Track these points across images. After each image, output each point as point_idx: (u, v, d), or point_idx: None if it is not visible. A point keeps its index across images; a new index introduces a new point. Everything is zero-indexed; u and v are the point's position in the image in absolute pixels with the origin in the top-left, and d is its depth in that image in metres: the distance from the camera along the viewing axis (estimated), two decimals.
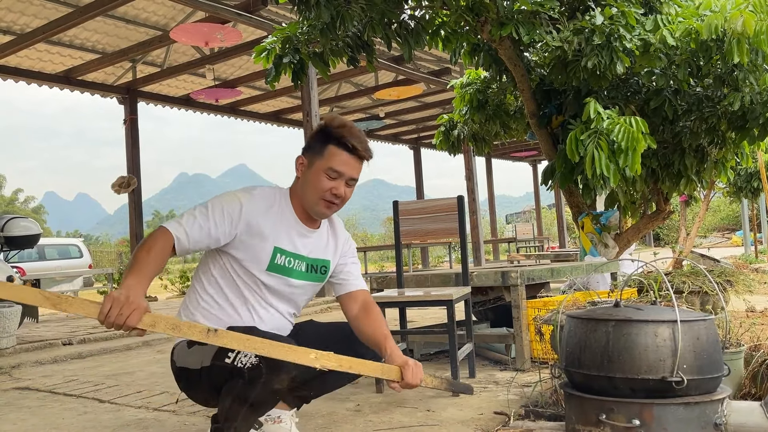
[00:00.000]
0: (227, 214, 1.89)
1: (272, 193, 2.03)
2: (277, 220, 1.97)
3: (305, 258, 2.04)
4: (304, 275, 2.05)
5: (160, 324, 1.57)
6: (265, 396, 1.75)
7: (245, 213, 1.91)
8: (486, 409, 2.60)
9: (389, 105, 12.12)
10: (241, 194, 1.96)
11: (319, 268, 2.08)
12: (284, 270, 1.99)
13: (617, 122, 3.57)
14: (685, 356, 1.32)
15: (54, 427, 2.75)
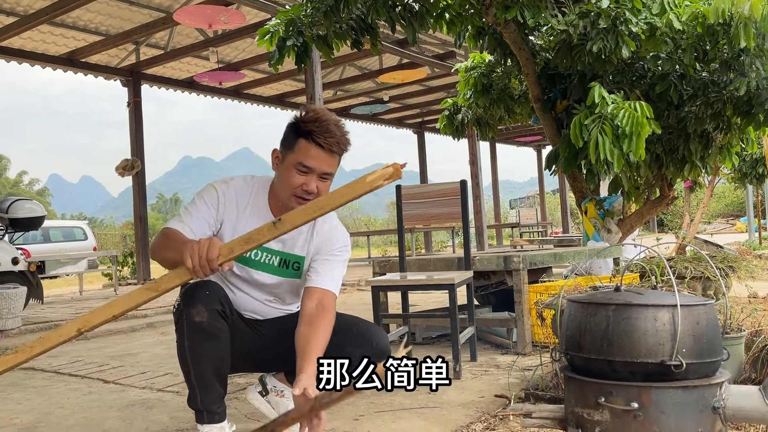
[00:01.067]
0: (210, 204, 1.92)
1: (247, 185, 1.98)
2: (248, 212, 1.95)
3: (277, 252, 1.98)
4: (275, 269, 1.99)
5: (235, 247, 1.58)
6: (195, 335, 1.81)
7: (221, 199, 1.93)
8: (487, 392, 2.62)
9: (393, 89, 12.07)
10: (217, 184, 1.96)
11: (291, 264, 2.01)
12: (250, 262, 1.96)
13: (622, 107, 3.55)
14: (684, 340, 1.32)
15: (59, 406, 2.78)
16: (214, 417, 1.87)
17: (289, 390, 2.19)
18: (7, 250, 5.68)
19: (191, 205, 1.93)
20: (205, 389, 1.86)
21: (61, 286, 11.83)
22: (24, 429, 2.44)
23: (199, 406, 1.87)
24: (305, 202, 1.83)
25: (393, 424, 2.25)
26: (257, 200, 1.97)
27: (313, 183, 1.84)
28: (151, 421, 2.46)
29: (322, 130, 1.82)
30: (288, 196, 1.88)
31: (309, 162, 1.82)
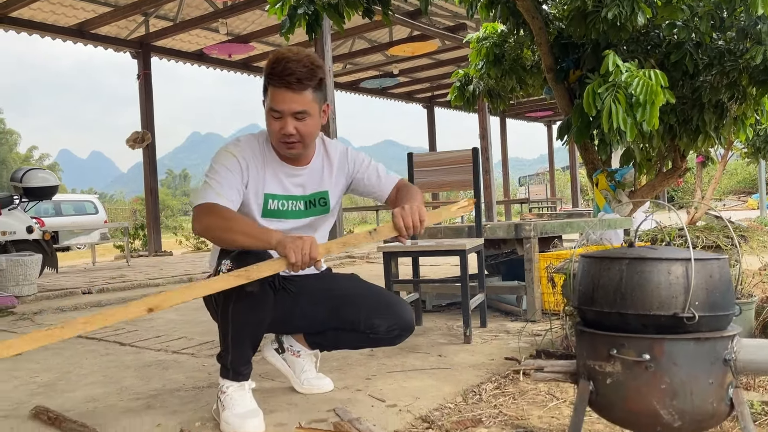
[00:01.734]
0: (235, 171, 1.90)
1: (256, 141, 2.00)
2: (264, 168, 1.97)
3: (300, 197, 2.03)
4: (303, 213, 2.04)
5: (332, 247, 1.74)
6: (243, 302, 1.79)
7: (241, 162, 1.92)
8: (497, 355, 2.65)
9: (403, 62, 11.98)
10: (231, 148, 1.95)
11: (318, 201, 2.06)
12: (279, 213, 2.00)
13: (636, 75, 3.52)
14: (697, 293, 1.33)
15: (78, 366, 2.84)
16: (239, 377, 1.91)
17: (306, 350, 2.24)
18: (22, 218, 5.75)
19: (218, 175, 1.88)
20: (238, 352, 1.89)
21: (74, 258, 11.97)
22: (45, 386, 2.50)
23: (229, 365, 1.90)
24: (293, 144, 1.90)
25: (404, 383, 2.29)
26: (264, 151, 1.99)
27: (290, 125, 1.85)
28: (168, 379, 2.51)
29: (279, 70, 1.81)
30: (276, 143, 1.93)
31: (276, 105, 1.84)
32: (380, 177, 2.12)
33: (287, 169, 2.00)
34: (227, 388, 1.90)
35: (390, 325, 2.00)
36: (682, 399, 1.33)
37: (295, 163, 2.01)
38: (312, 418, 1.93)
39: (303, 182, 2.03)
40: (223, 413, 1.85)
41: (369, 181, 2.11)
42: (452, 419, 1.89)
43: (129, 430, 1.89)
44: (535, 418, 1.89)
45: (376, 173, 2.12)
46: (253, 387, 1.94)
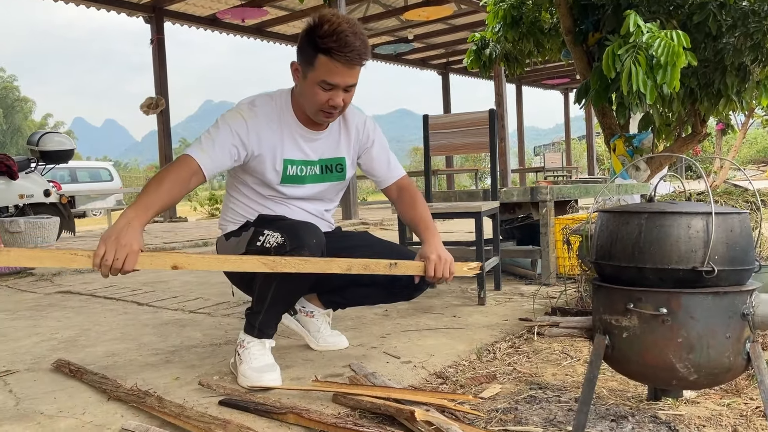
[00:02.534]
0: (237, 134, 1.86)
1: (273, 103, 1.96)
2: (281, 133, 1.94)
3: (317, 162, 2.01)
4: (320, 177, 2.03)
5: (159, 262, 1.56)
6: (292, 276, 1.74)
7: (251, 130, 1.89)
8: (511, 317, 2.66)
9: (418, 27, 11.81)
10: (244, 111, 1.91)
11: (335, 167, 2.05)
12: (298, 179, 1.99)
13: (658, 36, 3.44)
14: (717, 247, 1.32)
15: (97, 324, 2.89)
16: (263, 335, 1.92)
17: (319, 310, 2.25)
18: (39, 182, 5.80)
19: (214, 130, 1.86)
20: (270, 316, 1.91)
21: (90, 224, 12.10)
22: (65, 342, 2.55)
23: (257, 325, 1.91)
24: (333, 115, 1.89)
25: (418, 341, 2.30)
26: (283, 113, 1.96)
27: (339, 97, 1.83)
28: (185, 336, 2.55)
29: (341, 45, 1.74)
30: (315, 111, 1.88)
31: (332, 79, 1.79)
32: (390, 165, 2.12)
33: (305, 133, 1.97)
34: (248, 344, 1.91)
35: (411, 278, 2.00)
36: (698, 353, 1.32)
37: (313, 127, 1.98)
38: (328, 373, 1.95)
39: (320, 147, 2.01)
40: (241, 366, 1.88)
41: (378, 164, 2.10)
42: (466, 375, 1.91)
43: (148, 382, 1.92)
44: (549, 375, 1.90)
45: (387, 160, 2.12)
46: (272, 345, 1.96)
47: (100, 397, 1.79)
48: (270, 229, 1.83)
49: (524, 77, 16.22)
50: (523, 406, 1.62)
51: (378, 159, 2.10)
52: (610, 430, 1.45)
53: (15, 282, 4.29)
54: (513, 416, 1.56)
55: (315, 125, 1.98)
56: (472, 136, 3.30)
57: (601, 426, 1.47)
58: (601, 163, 20.09)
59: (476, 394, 1.73)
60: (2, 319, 3.09)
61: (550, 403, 1.64)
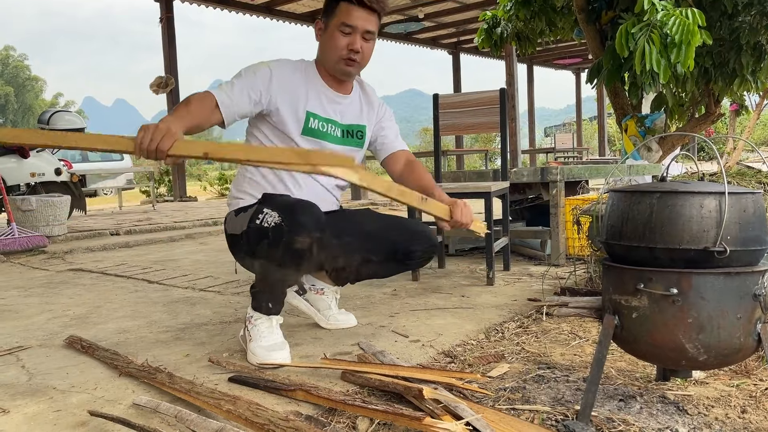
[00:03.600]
0: (260, 78, 1.90)
1: (299, 66, 2.01)
2: (306, 85, 1.97)
3: (339, 124, 2.04)
4: (340, 140, 2.05)
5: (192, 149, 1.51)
6: (289, 255, 1.73)
7: (275, 77, 1.92)
8: (520, 297, 2.66)
9: (428, 5, 11.67)
10: (269, 62, 1.96)
11: (356, 133, 2.09)
12: (319, 134, 2.00)
13: (672, 14, 3.38)
14: (729, 227, 1.30)
15: (108, 301, 2.92)
16: (271, 311, 1.93)
17: (329, 287, 2.26)
18: (50, 160, 5.83)
19: (237, 76, 1.89)
20: (274, 295, 1.93)
21: (101, 202, 12.18)
22: (77, 318, 2.57)
23: (262, 302, 1.93)
24: (353, 63, 1.94)
25: (427, 320, 2.31)
26: (308, 71, 2.00)
27: (358, 42, 1.90)
28: (195, 314, 2.57)
29: None
30: (336, 60, 1.94)
31: (351, 21, 1.88)
32: (397, 137, 2.19)
33: (330, 93, 2.02)
34: (256, 321, 1.92)
35: (424, 249, 2.06)
36: (708, 333, 1.32)
37: (338, 89, 2.03)
38: (337, 351, 1.96)
39: (343, 110, 2.05)
40: (250, 344, 1.89)
41: (387, 137, 2.16)
42: (474, 354, 1.92)
43: (159, 359, 1.94)
44: (557, 355, 1.90)
45: (395, 132, 2.19)
46: (281, 322, 1.97)
47: (112, 373, 1.81)
48: (269, 207, 1.79)
49: (535, 57, 16.04)
50: (531, 386, 1.63)
51: (388, 133, 2.17)
52: (618, 409, 1.46)
53: (27, 260, 4.33)
54: (521, 395, 1.56)
55: (339, 88, 2.03)
56: (483, 116, 3.28)
57: (609, 406, 1.47)
58: (612, 144, 19.91)
59: (484, 373, 1.74)
60: (15, 296, 3.12)
61: (558, 382, 1.65)
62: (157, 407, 1.46)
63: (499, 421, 1.35)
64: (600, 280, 2.12)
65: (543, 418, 1.42)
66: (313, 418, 1.40)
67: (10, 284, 3.46)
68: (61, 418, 1.50)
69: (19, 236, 4.45)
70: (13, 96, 42.50)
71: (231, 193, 2.12)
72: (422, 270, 3.29)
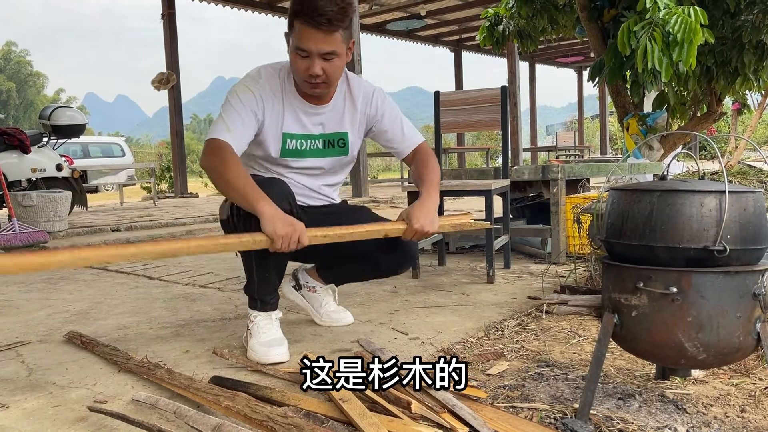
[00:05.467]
0: (251, 108, 1.86)
1: (276, 76, 1.92)
2: (283, 106, 1.92)
3: (319, 136, 2.00)
4: (321, 152, 2.01)
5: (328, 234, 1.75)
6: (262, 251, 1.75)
7: (259, 101, 1.88)
8: (520, 295, 2.66)
9: (431, 3, 11.65)
10: (251, 84, 1.88)
11: (336, 142, 2.02)
12: (297, 153, 1.97)
13: (675, 12, 3.37)
14: (729, 226, 1.30)
15: (108, 297, 2.92)
16: (267, 306, 1.94)
17: (321, 285, 2.27)
18: (51, 156, 5.83)
19: (232, 110, 1.84)
20: (263, 282, 1.92)
21: (102, 198, 12.19)
22: (77, 314, 2.58)
23: (256, 296, 1.94)
24: (318, 85, 1.85)
25: (427, 318, 2.31)
26: (288, 90, 1.93)
27: (317, 66, 1.78)
28: (195, 311, 2.57)
29: (308, 8, 1.71)
30: (300, 81, 1.86)
31: (304, 44, 1.75)
32: (404, 134, 2.07)
33: (307, 107, 1.94)
34: (255, 317, 1.94)
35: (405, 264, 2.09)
36: (707, 332, 1.32)
37: (315, 101, 1.95)
38: (336, 348, 1.96)
39: (323, 121, 1.98)
40: (250, 341, 1.89)
41: (392, 135, 2.07)
42: (474, 352, 1.91)
43: (159, 355, 1.94)
44: (557, 353, 1.90)
45: (401, 129, 2.07)
46: (279, 317, 1.97)
47: (111, 369, 1.81)
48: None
49: (537, 55, 16.02)
50: (531, 383, 1.63)
51: (391, 130, 2.07)
52: (617, 407, 1.45)
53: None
54: (520, 393, 1.56)
55: (317, 99, 1.95)
56: (484, 114, 3.27)
57: (608, 404, 1.47)
58: (614, 143, 19.89)
59: (484, 371, 1.74)
60: (16, 291, 3.13)
61: (558, 380, 1.65)
62: (156, 403, 1.46)
63: (497, 419, 1.35)
64: (600, 278, 2.12)
65: (542, 416, 1.42)
66: (312, 414, 1.40)
67: (11, 279, 3.47)
68: (60, 413, 1.50)
69: (19, 232, 4.46)
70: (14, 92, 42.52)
71: None
72: (422, 267, 3.29)
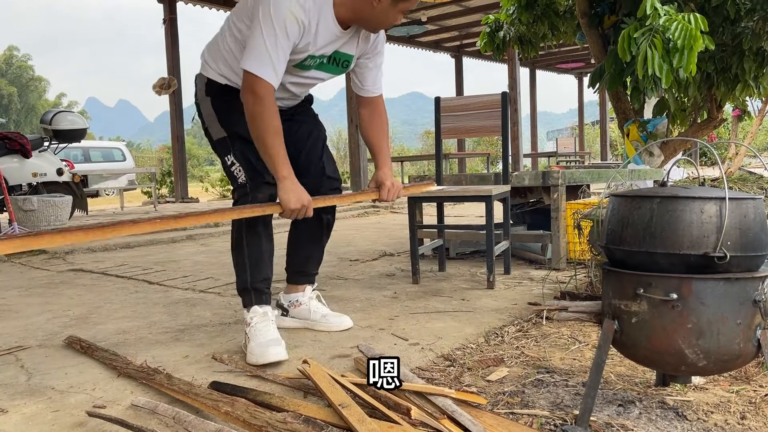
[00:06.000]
0: (293, 38, 1.90)
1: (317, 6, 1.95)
2: (317, 29, 1.96)
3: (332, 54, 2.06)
4: (326, 67, 2.09)
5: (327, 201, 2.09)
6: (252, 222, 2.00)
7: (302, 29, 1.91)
8: (520, 301, 2.66)
9: (432, 9, 11.68)
10: (299, 15, 1.87)
11: (341, 62, 2.11)
12: (305, 67, 2.05)
13: (675, 19, 3.38)
14: (730, 233, 1.30)
15: (108, 301, 2.92)
16: (262, 297, 2.01)
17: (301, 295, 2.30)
18: (52, 160, 5.83)
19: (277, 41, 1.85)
20: (256, 268, 2.02)
21: (102, 203, 12.19)
22: (77, 319, 2.58)
23: (249, 286, 2.02)
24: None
25: (427, 323, 2.30)
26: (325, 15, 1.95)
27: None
28: (195, 316, 2.57)
29: None
30: (380, 27, 2.06)
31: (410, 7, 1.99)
32: (376, 81, 2.24)
33: (336, 30, 2.00)
34: (252, 319, 1.96)
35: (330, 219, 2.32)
36: (708, 339, 1.31)
37: (344, 26, 2.02)
38: (335, 353, 1.96)
39: (340, 42, 2.05)
40: (249, 345, 1.90)
41: (368, 74, 2.21)
42: (474, 358, 1.91)
43: (158, 360, 1.94)
44: (557, 359, 1.90)
45: (377, 75, 2.24)
46: (277, 314, 1.99)
47: (111, 374, 1.81)
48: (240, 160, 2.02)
49: (538, 61, 16.05)
50: (531, 390, 1.62)
51: (371, 70, 2.21)
52: (617, 414, 1.45)
53: (28, 260, 4.33)
54: (520, 399, 1.56)
55: (344, 25, 2.02)
56: (484, 119, 3.28)
57: (608, 410, 1.47)
58: (614, 149, 19.91)
59: (484, 377, 1.73)
60: (15, 295, 3.12)
61: (558, 387, 1.64)
62: (156, 408, 1.46)
63: (497, 425, 1.35)
64: (600, 284, 2.12)
65: (542, 423, 1.42)
66: (311, 420, 1.40)
67: (11, 284, 3.47)
68: (59, 418, 1.50)
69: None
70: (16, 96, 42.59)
71: (207, 55, 2.12)
72: (423, 273, 3.29)
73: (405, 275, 3.32)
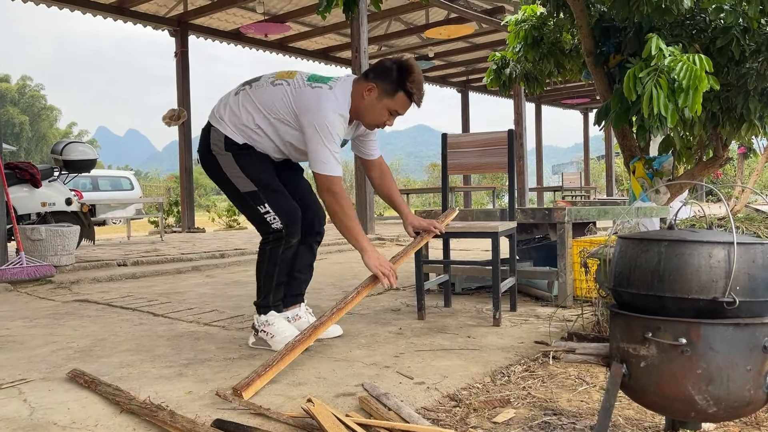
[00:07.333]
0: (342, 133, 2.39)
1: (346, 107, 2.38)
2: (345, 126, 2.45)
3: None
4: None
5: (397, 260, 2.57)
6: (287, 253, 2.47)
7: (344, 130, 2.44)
8: (526, 339, 2.64)
9: (439, 45, 11.87)
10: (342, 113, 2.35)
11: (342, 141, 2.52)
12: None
13: (680, 59, 3.42)
14: (738, 278, 1.30)
15: (113, 333, 2.91)
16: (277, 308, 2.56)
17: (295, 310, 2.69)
18: (61, 190, 5.88)
19: (335, 145, 2.33)
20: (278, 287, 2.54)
21: (109, 232, 12.24)
22: (81, 351, 2.57)
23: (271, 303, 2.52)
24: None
25: (432, 361, 2.29)
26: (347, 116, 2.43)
27: (393, 121, 2.50)
28: (199, 350, 2.56)
29: (420, 94, 2.43)
30: (372, 124, 2.50)
31: (402, 111, 2.46)
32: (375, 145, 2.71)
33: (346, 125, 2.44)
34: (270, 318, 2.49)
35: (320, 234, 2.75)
36: (717, 385, 1.30)
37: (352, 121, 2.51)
38: (340, 391, 1.94)
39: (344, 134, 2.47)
40: (275, 338, 2.45)
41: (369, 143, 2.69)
42: (480, 398, 1.89)
43: (161, 395, 1.93)
44: (564, 401, 1.88)
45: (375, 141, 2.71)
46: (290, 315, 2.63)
47: (113, 410, 1.79)
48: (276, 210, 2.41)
49: (544, 96, 16.21)
50: None
51: (372, 141, 2.69)
52: None
53: (34, 289, 4.34)
54: None
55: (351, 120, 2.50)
56: (491, 156, 3.30)
57: None
58: (620, 184, 19.93)
59: (490, 418, 1.71)
60: (20, 326, 3.12)
61: (565, 430, 1.62)
62: None
63: None
64: (607, 324, 2.11)
65: None
66: None
67: (16, 314, 3.46)
68: None
69: (27, 265, 4.47)
70: (27, 124, 43.10)
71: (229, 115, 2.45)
72: (428, 308, 3.27)
73: (410, 310, 3.31)
